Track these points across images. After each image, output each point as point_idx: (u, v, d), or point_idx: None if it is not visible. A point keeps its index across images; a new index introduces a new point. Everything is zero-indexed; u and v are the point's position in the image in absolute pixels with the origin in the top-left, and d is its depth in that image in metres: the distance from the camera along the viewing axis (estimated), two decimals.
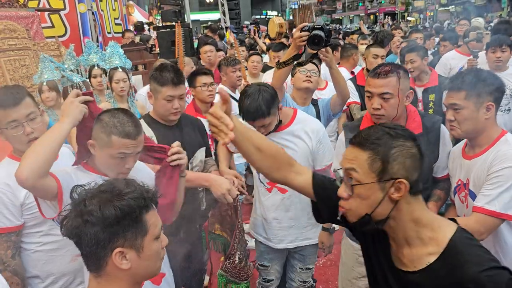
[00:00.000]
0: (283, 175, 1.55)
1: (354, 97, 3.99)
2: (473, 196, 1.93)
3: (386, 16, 24.43)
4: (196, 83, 3.39)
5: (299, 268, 2.79)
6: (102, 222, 1.15)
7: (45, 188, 1.68)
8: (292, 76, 3.16)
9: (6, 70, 4.59)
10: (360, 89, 4.02)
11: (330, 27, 2.82)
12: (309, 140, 2.51)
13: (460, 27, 6.66)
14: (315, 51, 2.51)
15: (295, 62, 2.67)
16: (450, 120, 1.94)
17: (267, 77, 4.63)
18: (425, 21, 33.21)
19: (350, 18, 74.33)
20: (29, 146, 1.94)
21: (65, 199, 1.70)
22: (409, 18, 38.75)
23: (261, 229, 2.75)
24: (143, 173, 2.03)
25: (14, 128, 1.94)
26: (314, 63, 3.05)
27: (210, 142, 3.30)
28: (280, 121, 2.47)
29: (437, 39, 7.17)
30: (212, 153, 3.31)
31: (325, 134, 2.61)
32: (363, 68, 4.43)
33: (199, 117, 3.29)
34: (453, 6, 33.65)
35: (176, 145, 1.98)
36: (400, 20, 39.88)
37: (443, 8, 33.57)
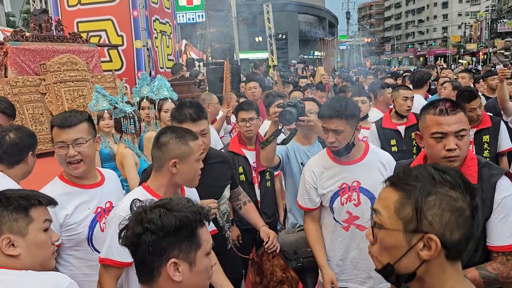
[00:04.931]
0: None
1: (375, 142, 3.80)
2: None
3: (439, 58, 24.01)
4: (237, 118, 3.45)
5: None
6: (161, 230, 1.20)
7: None
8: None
9: (65, 99, 4.90)
10: (385, 131, 3.88)
11: (303, 105, 2.90)
12: (385, 171, 2.37)
13: None
14: (295, 129, 2.67)
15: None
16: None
17: None
18: (478, 64, 32.32)
19: (399, 59, 73.95)
20: (68, 168, 2.09)
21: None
22: (461, 61, 37.95)
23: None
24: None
25: (60, 148, 2.08)
26: (316, 102, 3.12)
27: (254, 175, 3.30)
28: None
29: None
30: (255, 186, 3.30)
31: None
32: (390, 110, 4.17)
33: (242, 149, 3.32)
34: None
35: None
36: (451, 62, 39.15)
37: (499, 52, 32.63)
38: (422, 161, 2.04)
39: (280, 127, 2.58)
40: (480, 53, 39.24)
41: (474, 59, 38.92)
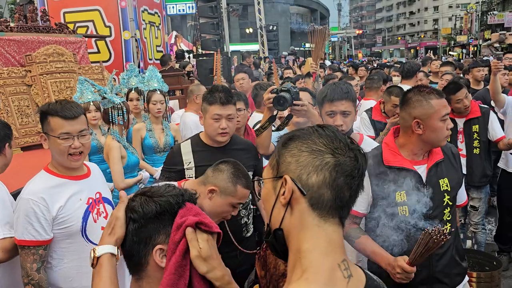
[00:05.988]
0: None
1: (368, 131, 3.79)
2: None
3: (429, 51, 24.19)
4: None
5: None
6: (143, 218, 1.21)
7: None
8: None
9: (52, 91, 4.81)
10: (375, 124, 3.83)
11: (297, 90, 2.82)
12: None
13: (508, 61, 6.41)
14: (290, 114, 2.62)
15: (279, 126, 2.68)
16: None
17: None
18: (468, 56, 32.49)
19: (390, 51, 74.11)
20: (68, 159, 2.05)
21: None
22: (451, 53, 38.12)
23: None
24: None
25: (64, 139, 2.02)
26: (309, 92, 3.09)
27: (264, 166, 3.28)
28: None
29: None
30: None
31: None
32: (379, 102, 4.01)
33: None
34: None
35: None
36: (442, 54, 39.32)
37: (492, 45, 32.73)
38: (392, 148, 2.10)
39: (274, 113, 2.57)
40: (470, 45, 39.41)
41: (464, 51, 39.10)
